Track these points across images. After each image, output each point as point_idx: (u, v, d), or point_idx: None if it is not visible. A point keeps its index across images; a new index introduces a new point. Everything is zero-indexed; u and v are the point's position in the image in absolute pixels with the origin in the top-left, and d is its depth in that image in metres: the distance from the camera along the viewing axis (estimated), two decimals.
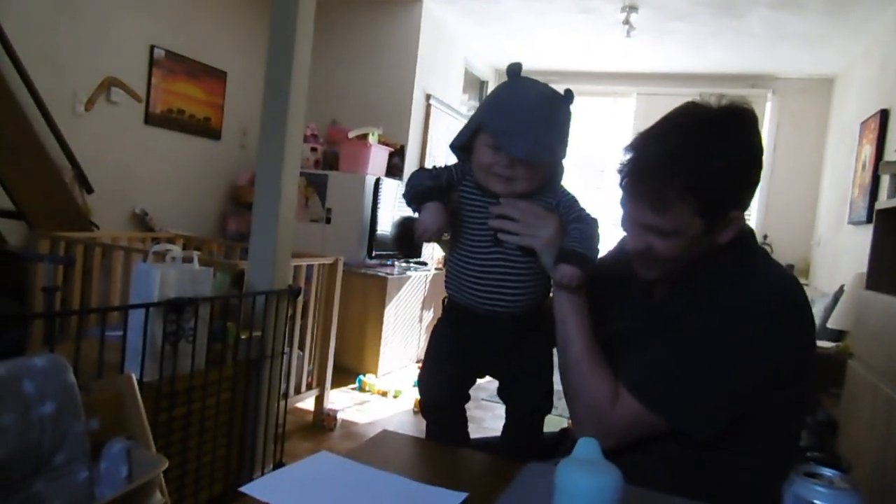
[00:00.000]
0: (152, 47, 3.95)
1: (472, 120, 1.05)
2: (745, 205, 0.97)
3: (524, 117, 0.97)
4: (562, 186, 1.06)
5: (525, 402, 1.10)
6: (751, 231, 1.05)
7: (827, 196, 5.06)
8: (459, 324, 1.09)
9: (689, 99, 0.98)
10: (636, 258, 1.02)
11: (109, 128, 3.73)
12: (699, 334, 0.94)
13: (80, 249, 2.78)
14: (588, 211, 1.04)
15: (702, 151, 0.92)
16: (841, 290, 3.61)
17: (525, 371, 1.10)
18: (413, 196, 1.05)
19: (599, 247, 1.02)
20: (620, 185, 0.99)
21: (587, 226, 1.01)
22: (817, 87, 5.33)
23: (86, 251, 2.80)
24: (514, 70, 1.02)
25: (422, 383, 1.16)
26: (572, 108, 1.03)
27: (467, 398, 1.14)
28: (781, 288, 0.96)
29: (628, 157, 0.97)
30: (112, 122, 3.74)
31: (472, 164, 1.05)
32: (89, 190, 3.49)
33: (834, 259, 4.53)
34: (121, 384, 1.15)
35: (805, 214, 5.34)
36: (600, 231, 1.02)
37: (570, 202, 1.04)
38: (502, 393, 1.12)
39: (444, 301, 1.13)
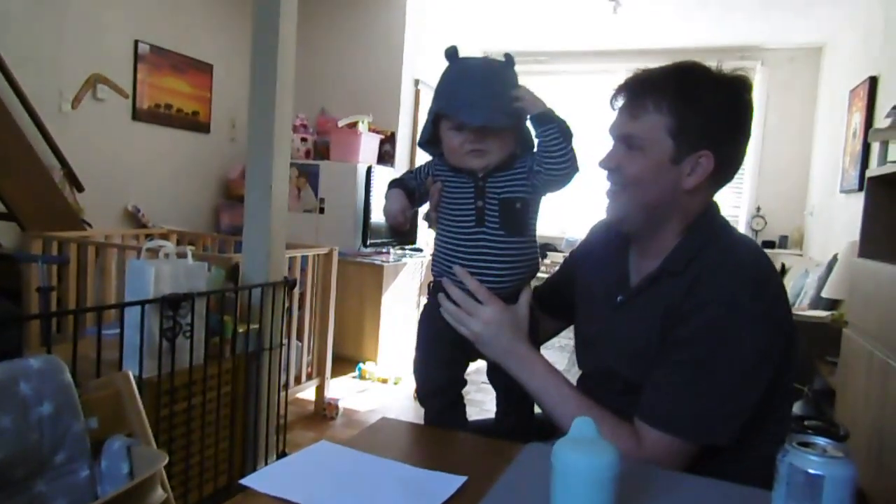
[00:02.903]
0: (136, 42, 3.91)
1: (429, 112, 1.08)
2: (719, 152, 0.98)
3: (474, 89, 1.01)
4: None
5: (514, 386, 1.10)
6: (714, 206, 1.06)
7: (818, 166, 5.07)
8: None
9: None
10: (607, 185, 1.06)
11: (97, 125, 3.70)
12: (693, 343, 0.94)
13: (73, 248, 2.77)
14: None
15: (692, 81, 0.98)
16: (834, 259, 3.62)
17: None
18: (385, 194, 1.12)
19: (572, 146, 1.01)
20: (612, 100, 1.04)
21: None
22: (806, 57, 5.32)
23: (79, 250, 2.80)
24: (452, 52, 1.05)
25: (415, 370, 1.15)
26: (516, 70, 1.06)
27: (463, 383, 1.14)
28: (751, 264, 0.97)
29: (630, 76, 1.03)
30: (99, 120, 3.72)
31: (445, 153, 1.07)
32: (80, 188, 3.47)
33: (827, 228, 4.54)
34: (118, 382, 1.15)
35: (797, 185, 5.35)
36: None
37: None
38: (491, 377, 1.12)
39: (429, 285, 1.13)
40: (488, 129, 1.00)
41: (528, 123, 1.04)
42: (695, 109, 0.97)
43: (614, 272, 1.12)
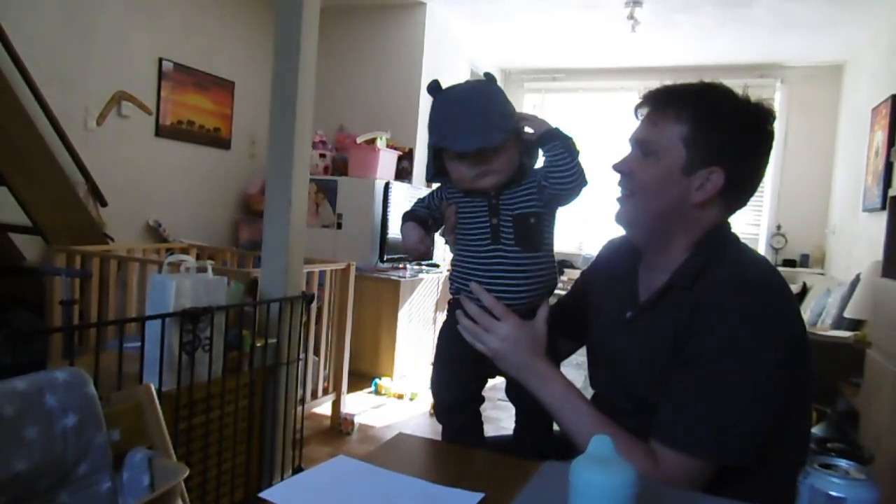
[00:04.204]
0: (161, 60, 3.99)
1: (428, 148, 1.10)
2: (731, 171, 0.98)
3: (459, 115, 1.01)
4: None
5: (532, 403, 1.10)
6: (726, 224, 1.06)
7: (840, 184, 5.01)
8: None
9: None
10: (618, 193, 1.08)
11: (121, 141, 3.78)
12: (704, 359, 0.92)
13: (95, 262, 2.81)
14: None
15: (715, 98, 1.01)
16: (857, 279, 3.57)
17: None
18: (401, 229, 1.15)
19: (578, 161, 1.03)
20: (636, 108, 1.06)
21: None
22: (826, 75, 5.29)
23: (101, 264, 2.84)
24: (434, 86, 1.06)
25: (433, 386, 1.16)
26: (499, 85, 1.07)
27: (481, 400, 1.14)
28: (761, 279, 0.96)
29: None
30: (123, 136, 3.79)
31: (454, 182, 1.08)
32: (103, 203, 3.54)
33: (849, 247, 4.48)
34: (140, 394, 1.17)
35: (818, 203, 5.30)
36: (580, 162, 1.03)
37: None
38: (509, 394, 1.12)
39: (449, 302, 1.14)
40: (487, 149, 1.00)
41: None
42: (712, 123, 0.98)
43: (624, 288, 1.12)
